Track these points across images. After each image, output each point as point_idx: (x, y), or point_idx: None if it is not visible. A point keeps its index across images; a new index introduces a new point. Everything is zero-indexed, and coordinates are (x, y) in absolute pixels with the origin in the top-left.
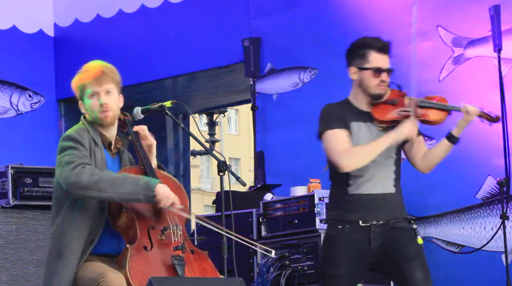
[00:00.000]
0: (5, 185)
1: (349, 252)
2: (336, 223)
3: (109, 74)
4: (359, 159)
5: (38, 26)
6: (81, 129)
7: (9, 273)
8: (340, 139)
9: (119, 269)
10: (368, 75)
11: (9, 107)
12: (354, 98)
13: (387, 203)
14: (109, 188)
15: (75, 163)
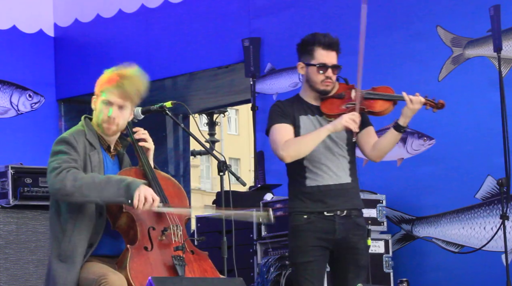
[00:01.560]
0: (5, 185)
1: (316, 239)
2: (301, 213)
3: (134, 90)
4: (297, 148)
5: (38, 26)
6: (77, 132)
7: (9, 273)
8: (282, 132)
9: (119, 270)
10: (313, 71)
11: (9, 107)
12: (304, 93)
13: (345, 193)
14: (93, 193)
15: (60, 168)
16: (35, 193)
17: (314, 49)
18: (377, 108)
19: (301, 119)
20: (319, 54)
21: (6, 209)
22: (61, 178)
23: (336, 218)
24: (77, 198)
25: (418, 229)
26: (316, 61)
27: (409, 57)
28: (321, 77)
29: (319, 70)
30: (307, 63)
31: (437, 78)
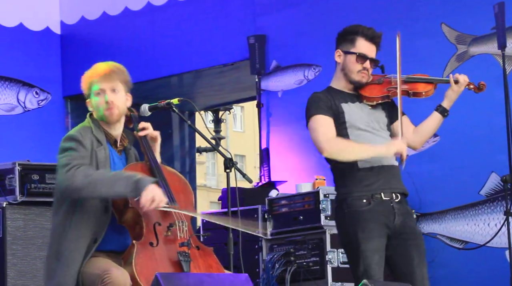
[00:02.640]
0: (12, 181)
1: (379, 226)
2: (360, 197)
3: (117, 72)
4: (340, 151)
5: (44, 24)
6: (84, 129)
7: (16, 268)
8: (325, 125)
9: (125, 265)
10: (352, 60)
11: (16, 104)
12: (337, 83)
13: (395, 174)
14: (102, 188)
15: (71, 164)
16: (42, 190)
17: (356, 39)
18: (421, 89)
19: (343, 107)
20: (360, 44)
21: (13, 205)
22: (71, 174)
23: (393, 203)
24: (86, 194)
25: (422, 225)
26: (356, 50)
27: (414, 54)
28: (358, 67)
29: (358, 59)
30: (346, 51)
31: (442, 76)
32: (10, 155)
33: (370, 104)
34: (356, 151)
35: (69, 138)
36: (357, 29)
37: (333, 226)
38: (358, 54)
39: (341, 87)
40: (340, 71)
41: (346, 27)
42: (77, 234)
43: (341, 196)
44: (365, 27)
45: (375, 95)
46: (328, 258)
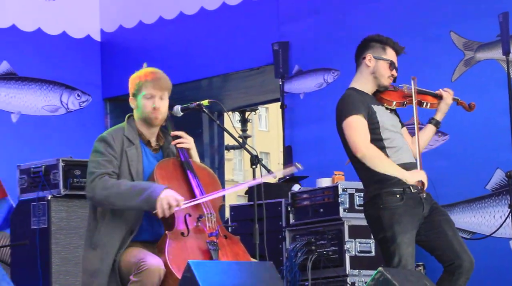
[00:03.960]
0: (57, 176)
1: (413, 218)
2: (393, 192)
3: (166, 81)
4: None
5: (86, 32)
6: (116, 130)
7: (60, 256)
8: (365, 127)
9: (158, 254)
10: (384, 65)
11: (60, 105)
12: (363, 85)
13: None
14: (118, 202)
15: (94, 174)
16: (83, 184)
17: (386, 48)
18: (431, 101)
19: (375, 107)
20: (390, 53)
21: (57, 198)
22: (93, 186)
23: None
24: (106, 206)
25: None
26: (388, 57)
27: (425, 59)
28: (388, 73)
29: (390, 67)
30: (378, 57)
31: (451, 79)
32: (54, 152)
33: (389, 108)
34: (386, 166)
35: (100, 139)
36: (385, 39)
37: (350, 218)
38: (391, 62)
39: (367, 90)
40: (369, 74)
41: (374, 36)
42: (111, 228)
43: (374, 192)
44: (392, 40)
45: (395, 100)
46: (346, 247)
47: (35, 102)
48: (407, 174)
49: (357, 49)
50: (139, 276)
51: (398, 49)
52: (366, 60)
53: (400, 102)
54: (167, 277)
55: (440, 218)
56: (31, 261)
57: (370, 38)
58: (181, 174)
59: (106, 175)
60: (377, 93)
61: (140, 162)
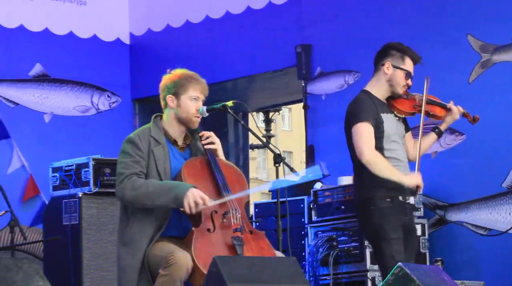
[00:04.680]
0: (87, 174)
1: (399, 220)
2: (385, 197)
3: (207, 87)
4: (377, 166)
5: (115, 35)
6: (142, 131)
7: (91, 251)
8: (371, 134)
9: (186, 249)
10: (401, 75)
11: (91, 106)
12: (378, 91)
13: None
14: (147, 201)
15: (123, 175)
16: (113, 182)
17: (405, 57)
18: (438, 113)
19: (383, 116)
20: (408, 63)
21: (88, 195)
22: (122, 186)
23: (406, 205)
24: (136, 205)
25: (450, 214)
26: (406, 67)
27: (443, 61)
28: (404, 83)
29: (406, 77)
30: (396, 66)
31: (468, 81)
32: (85, 151)
33: (399, 116)
34: (387, 172)
35: (127, 140)
36: (405, 49)
37: None
38: (408, 72)
39: (380, 96)
40: (385, 81)
41: (394, 43)
42: (141, 225)
43: (367, 195)
44: (411, 49)
45: (405, 110)
46: (366, 243)
47: (67, 103)
48: (405, 179)
49: (377, 55)
50: (167, 269)
51: (416, 59)
52: (385, 67)
53: (410, 112)
54: (193, 272)
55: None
56: (63, 256)
57: (391, 45)
58: (208, 172)
59: (134, 175)
60: (389, 99)
61: (167, 161)
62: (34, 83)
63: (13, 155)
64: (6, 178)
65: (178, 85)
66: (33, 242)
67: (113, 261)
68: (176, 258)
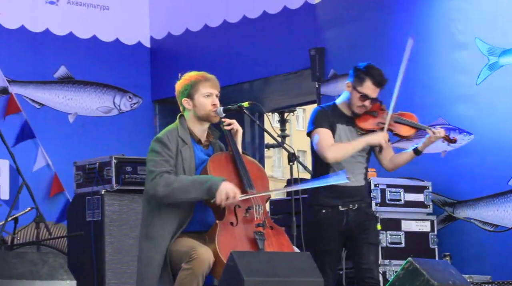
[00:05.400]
0: (110, 172)
1: (333, 231)
2: (320, 208)
3: (218, 82)
4: (342, 153)
5: (137, 39)
6: (170, 131)
7: (113, 246)
8: (326, 137)
9: (209, 242)
10: (356, 95)
11: (113, 107)
12: (341, 105)
13: (359, 193)
14: (180, 196)
15: (155, 172)
16: (134, 179)
17: (365, 80)
18: (403, 133)
19: (338, 127)
20: (367, 86)
21: (110, 193)
22: (154, 184)
23: (349, 211)
24: (168, 201)
25: (459, 211)
26: (362, 89)
27: (452, 64)
28: (359, 103)
29: (361, 98)
30: (354, 87)
31: (476, 83)
32: (107, 150)
33: (361, 132)
34: (350, 149)
35: (156, 140)
36: (369, 71)
37: (382, 211)
38: (362, 95)
39: (343, 109)
40: (346, 98)
41: (361, 65)
42: (164, 221)
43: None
44: (376, 71)
45: (366, 128)
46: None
47: (90, 104)
48: (367, 139)
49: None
50: (190, 264)
51: (379, 83)
52: (346, 86)
53: (369, 129)
54: (216, 264)
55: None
56: (86, 250)
57: (358, 66)
58: (232, 167)
59: (165, 173)
60: (354, 114)
61: (192, 159)
62: (59, 85)
63: (38, 154)
64: (32, 176)
65: (189, 87)
66: (58, 237)
67: (134, 256)
68: (199, 253)
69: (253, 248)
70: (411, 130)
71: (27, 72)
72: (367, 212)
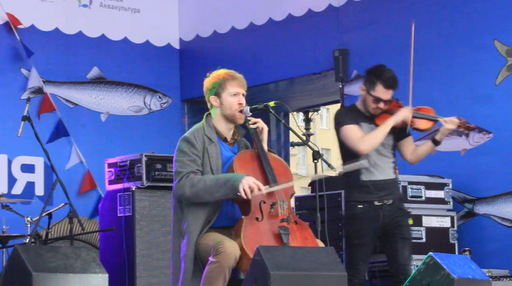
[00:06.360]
0: (140, 169)
1: (369, 226)
2: (356, 203)
3: (245, 81)
4: (371, 141)
5: (166, 41)
6: (197, 130)
7: (143, 240)
8: (354, 131)
9: (235, 236)
10: (370, 98)
11: (143, 106)
12: (360, 106)
13: (391, 186)
14: (206, 195)
15: (181, 173)
16: (164, 176)
17: (376, 84)
18: (422, 126)
19: (362, 125)
20: (379, 90)
21: (140, 189)
22: (181, 184)
23: (384, 206)
24: (194, 200)
25: (478, 207)
26: (374, 93)
27: (471, 65)
28: (373, 106)
29: (374, 101)
30: (367, 91)
31: (494, 83)
32: (138, 148)
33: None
34: (380, 134)
35: (183, 139)
36: (380, 74)
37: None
38: (375, 98)
39: (362, 110)
40: (362, 100)
41: (372, 69)
42: (194, 217)
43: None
44: (386, 73)
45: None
46: None
47: (122, 103)
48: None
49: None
50: (217, 257)
51: (390, 85)
52: (360, 90)
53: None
54: (242, 258)
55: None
56: (118, 245)
57: (369, 70)
58: (257, 164)
59: (191, 174)
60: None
61: (219, 157)
62: (92, 85)
63: (72, 152)
64: (65, 173)
65: (217, 85)
66: (90, 232)
67: (163, 250)
68: (226, 247)
69: (277, 242)
70: (428, 123)
71: (61, 73)
72: (400, 206)
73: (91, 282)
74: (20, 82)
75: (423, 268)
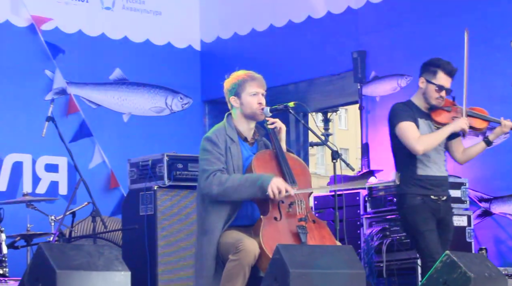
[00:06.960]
0: (162, 169)
1: (430, 215)
2: (415, 196)
3: (264, 81)
4: (430, 144)
5: (187, 43)
6: (219, 130)
7: (165, 239)
8: (412, 129)
9: (254, 236)
10: (432, 88)
11: (165, 107)
12: (417, 101)
13: (446, 183)
14: (234, 194)
15: (208, 171)
16: (185, 176)
17: (437, 72)
18: (477, 125)
19: (419, 121)
20: (440, 77)
21: (162, 188)
22: (208, 182)
23: (440, 202)
24: (222, 199)
25: (494, 206)
26: (436, 81)
27: (488, 66)
28: (436, 95)
29: (437, 90)
30: (429, 80)
31: (511, 83)
32: (160, 148)
33: (437, 126)
34: (438, 138)
35: (206, 139)
36: (438, 63)
37: None
38: (438, 86)
39: (419, 105)
40: (421, 94)
41: (430, 59)
42: (217, 215)
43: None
44: (445, 62)
45: (442, 121)
46: None
47: (144, 104)
48: (451, 127)
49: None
50: (237, 255)
51: (450, 72)
52: (420, 82)
53: (445, 123)
54: (261, 257)
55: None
56: (140, 243)
57: (426, 62)
58: (276, 164)
59: (218, 172)
60: (430, 110)
61: (240, 157)
62: (114, 86)
63: (95, 151)
64: (89, 172)
65: (236, 86)
66: (113, 231)
67: (185, 248)
68: (245, 245)
69: (295, 241)
70: (483, 123)
71: (84, 74)
72: (450, 205)
73: (113, 279)
74: (44, 83)
75: (440, 266)
